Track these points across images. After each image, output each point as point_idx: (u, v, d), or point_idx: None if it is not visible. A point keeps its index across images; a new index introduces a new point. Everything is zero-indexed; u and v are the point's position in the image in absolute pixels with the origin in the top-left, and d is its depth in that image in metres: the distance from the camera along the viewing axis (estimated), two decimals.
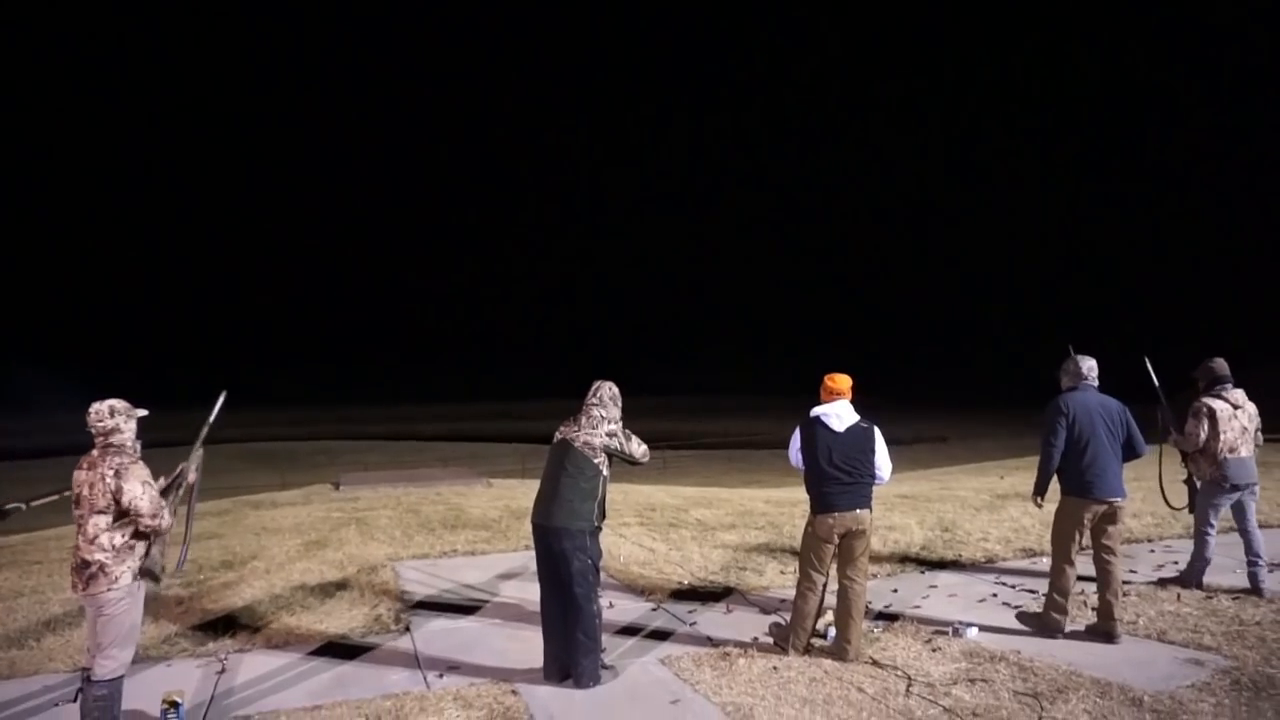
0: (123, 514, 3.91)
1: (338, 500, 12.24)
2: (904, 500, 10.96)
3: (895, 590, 6.54)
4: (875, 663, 4.97)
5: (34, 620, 6.13)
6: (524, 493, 12.50)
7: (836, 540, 5.10)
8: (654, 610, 6.23)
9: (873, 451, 5.14)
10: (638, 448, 4.99)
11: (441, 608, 6.35)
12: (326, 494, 13.19)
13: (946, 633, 5.47)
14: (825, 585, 5.20)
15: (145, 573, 4.03)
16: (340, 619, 6.07)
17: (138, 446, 4.10)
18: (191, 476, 4.31)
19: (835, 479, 5.04)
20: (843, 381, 5.23)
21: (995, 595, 6.36)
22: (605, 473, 4.85)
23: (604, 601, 6.25)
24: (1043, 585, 5.88)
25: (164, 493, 4.13)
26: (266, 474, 19.76)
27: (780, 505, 10.69)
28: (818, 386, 5.30)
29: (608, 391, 5.03)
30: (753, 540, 8.58)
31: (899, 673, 4.79)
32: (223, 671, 5.08)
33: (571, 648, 4.76)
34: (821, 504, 5.10)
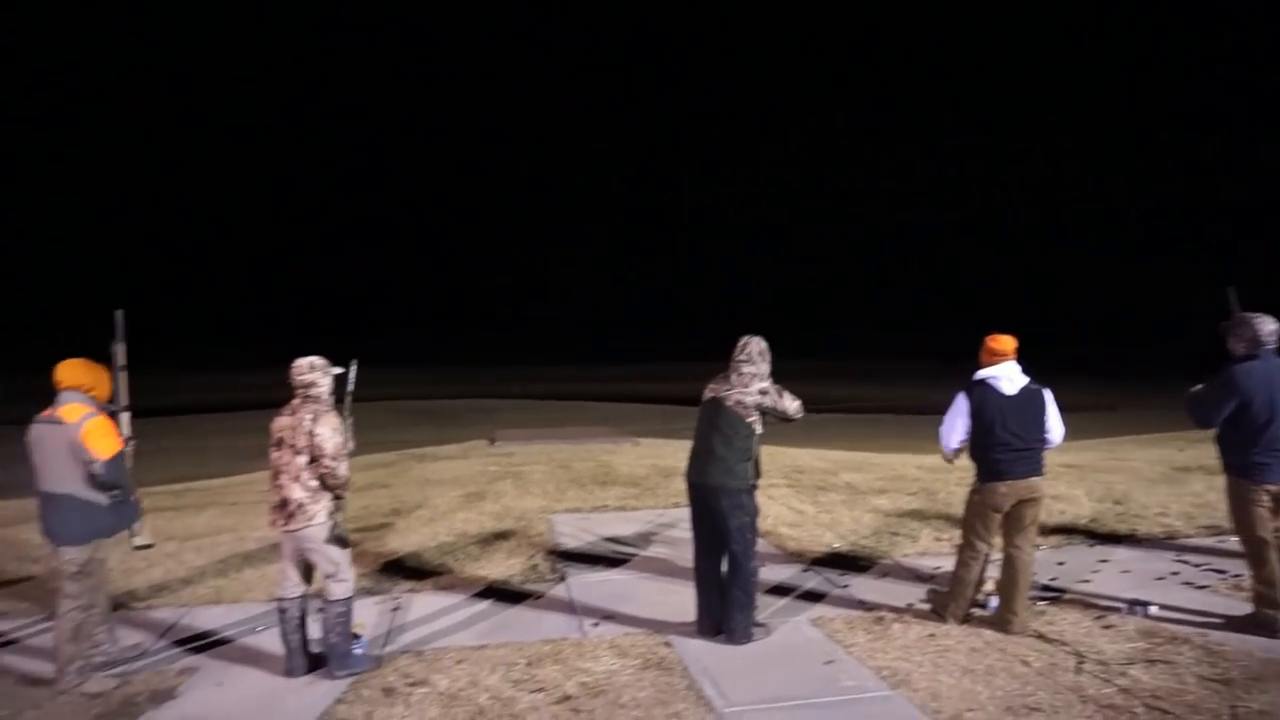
0: (315, 457, 4.26)
1: (493, 455, 12.79)
2: (1070, 470, 10.34)
3: (1061, 563, 6.21)
4: (1041, 636, 4.75)
5: (234, 554, 6.78)
6: (670, 452, 12.64)
7: (1006, 509, 4.88)
8: (804, 571, 6.19)
9: (1044, 414, 4.87)
10: (791, 403, 4.90)
11: (594, 560, 6.55)
12: (482, 449, 13.80)
13: (1120, 610, 5.14)
14: (988, 555, 5.00)
15: (337, 539, 4.37)
16: (500, 566, 6.37)
17: (332, 400, 4.47)
18: (351, 444, 4.59)
19: (1007, 444, 4.80)
20: (1007, 342, 4.95)
21: (1176, 574, 5.91)
22: (759, 431, 4.82)
23: (756, 562, 6.28)
24: (1232, 566, 5.42)
25: None
26: (425, 429, 20.83)
27: (934, 471, 10.32)
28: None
29: (756, 347, 4.90)
30: (905, 505, 8.35)
31: (1068, 648, 4.56)
32: (397, 609, 5.46)
33: (727, 603, 4.80)
34: (992, 471, 4.87)
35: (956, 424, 5.01)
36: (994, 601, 5.06)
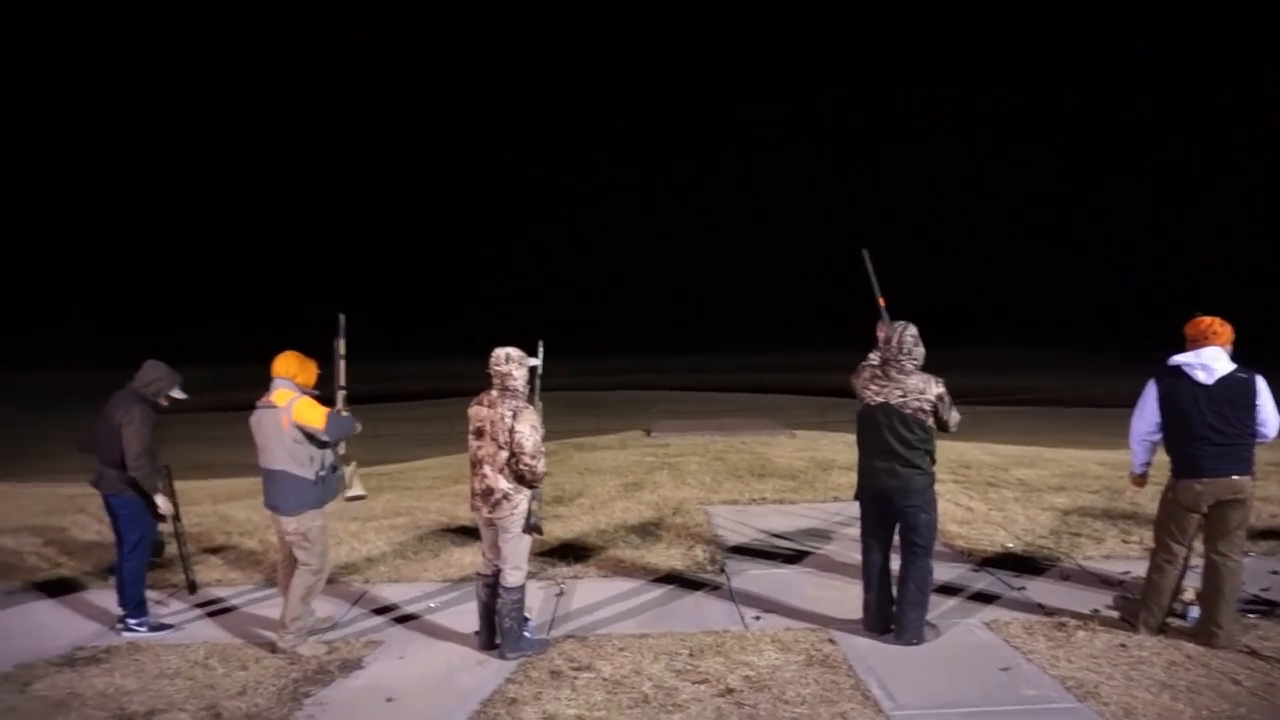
0: (515, 454, 4.44)
1: (650, 446, 12.95)
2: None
3: (1275, 573, 5.60)
4: (1254, 653, 4.30)
5: (411, 537, 7.20)
6: (827, 444, 12.37)
7: (1204, 509, 4.45)
8: (975, 571, 5.89)
9: (1254, 405, 4.39)
10: (954, 415, 4.67)
11: (752, 553, 6.50)
12: (639, 440, 14.00)
13: None
14: (1187, 559, 4.58)
15: (531, 528, 4.56)
16: (660, 555, 6.44)
17: (528, 390, 4.66)
18: (541, 432, 4.72)
19: (1204, 438, 4.37)
20: (1210, 325, 4.47)
21: None
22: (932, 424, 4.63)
23: None
24: None
25: None
26: (584, 419, 21.35)
27: (1117, 468, 9.56)
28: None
29: (909, 339, 4.61)
30: (1086, 504, 7.79)
31: None
32: (561, 594, 5.62)
33: (901, 600, 4.64)
34: (1186, 466, 4.46)
35: (1145, 414, 4.61)
36: (1195, 612, 4.64)
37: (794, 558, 6.35)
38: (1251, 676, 4.02)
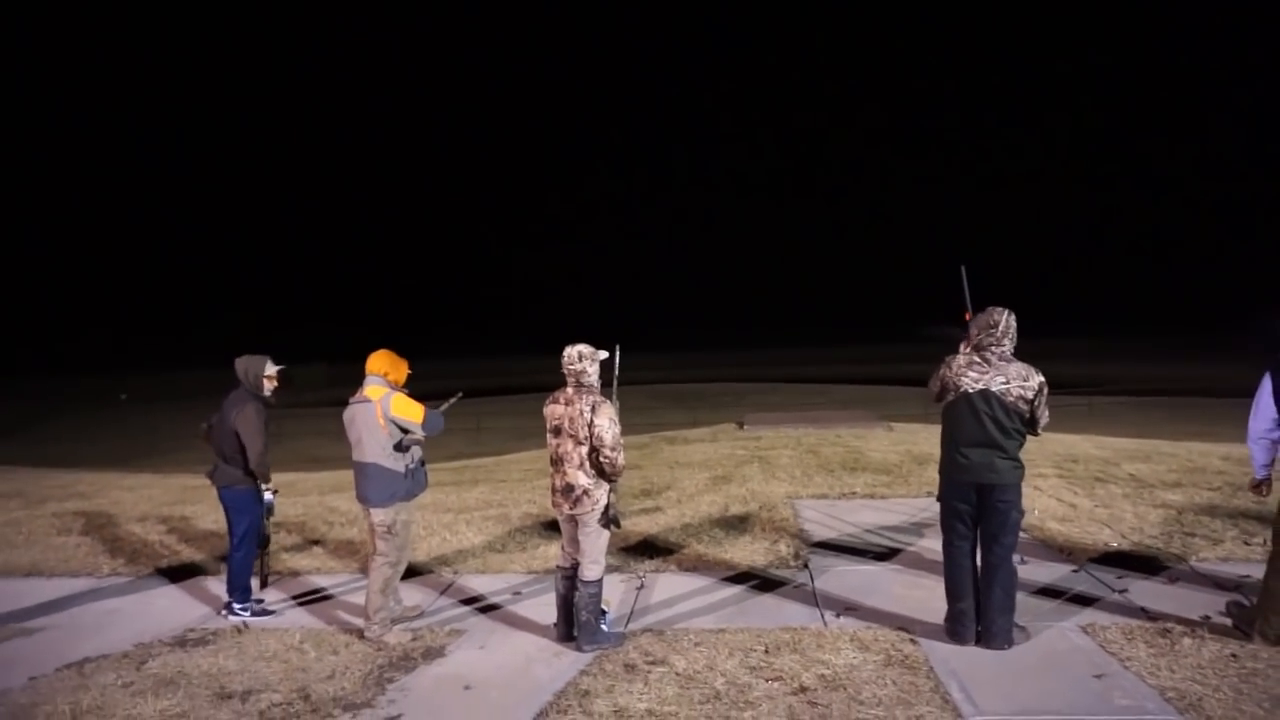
0: (595, 448, 4.51)
1: (742, 439, 12.86)
2: None
3: None
4: None
5: (500, 529, 7.37)
6: (925, 437, 12.00)
7: None
8: (1075, 572, 5.61)
9: None
10: (1046, 414, 4.47)
11: (839, 549, 6.38)
12: (731, 433, 13.92)
13: None
14: None
15: (610, 520, 4.62)
16: (743, 550, 6.39)
17: (599, 385, 4.70)
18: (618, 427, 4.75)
19: None
20: None
21: None
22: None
23: (1016, 558, 5.79)
24: None
25: None
26: (678, 412, 21.40)
27: (1241, 463, 8.91)
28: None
29: (1008, 324, 4.43)
30: (1204, 501, 7.30)
31: None
32: (641, 588, 5.65)
33: (988, 605, 4.45)
34: None
35: (1262, 410, 4.28)
36: None
37: (882, 555, 6.20)
38: None
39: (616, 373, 5.04)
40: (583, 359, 4.67)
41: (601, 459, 4.56)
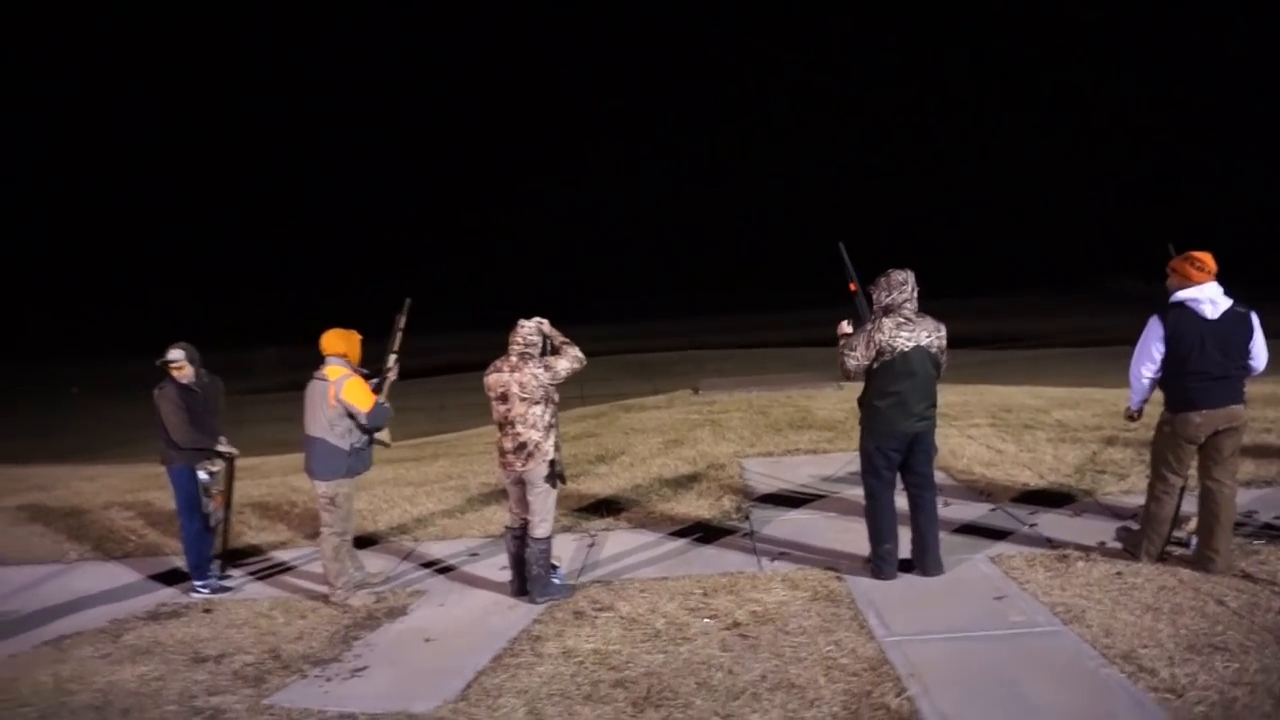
0: (550, 400, 4.94)
1: (696, 404, 13.26)
2: None
3: None
4: (1248, 576, 4.43)
5: (459, 499, 7.68)
6: None
7: (1202, 439, 4.56)
8: (992, 511, 6.07)
9: (1250, 339, 4.49)
10: (944, 363, 4.96)
11: (779, 501, 6.79)
12: (687, 399, 14.30)
13: None
14: (1183, 489, 4.71)
15: (556, 476, 4.95)
16: (689, 506, 6.77)
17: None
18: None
19: (1204, 373, 4.48)
20: (1209, 260, 4.55)
21: None
22: None
23: (940, 500, 6.25)
24: None
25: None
26: (638, 382, 21.76)
27: (1158, 404, 9.51)
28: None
29: (913, 281, 4.88)
30: (1121, 441, 7.83)
31: (1276, 588, 4.24)
32: (592, 545, 6.01)
33: (926, 537, 4.89)
34: (1185, 400, 4.57)
35: (1151, 351, 4.69)
36: (1197, 540, 4.77)
37: (818, 504, 6.62)
38: (1238, 598, 4.17)
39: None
40: (539, 333, 5.01)
41: (574, 357, 5.01)
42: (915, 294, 4.86)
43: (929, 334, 4.81)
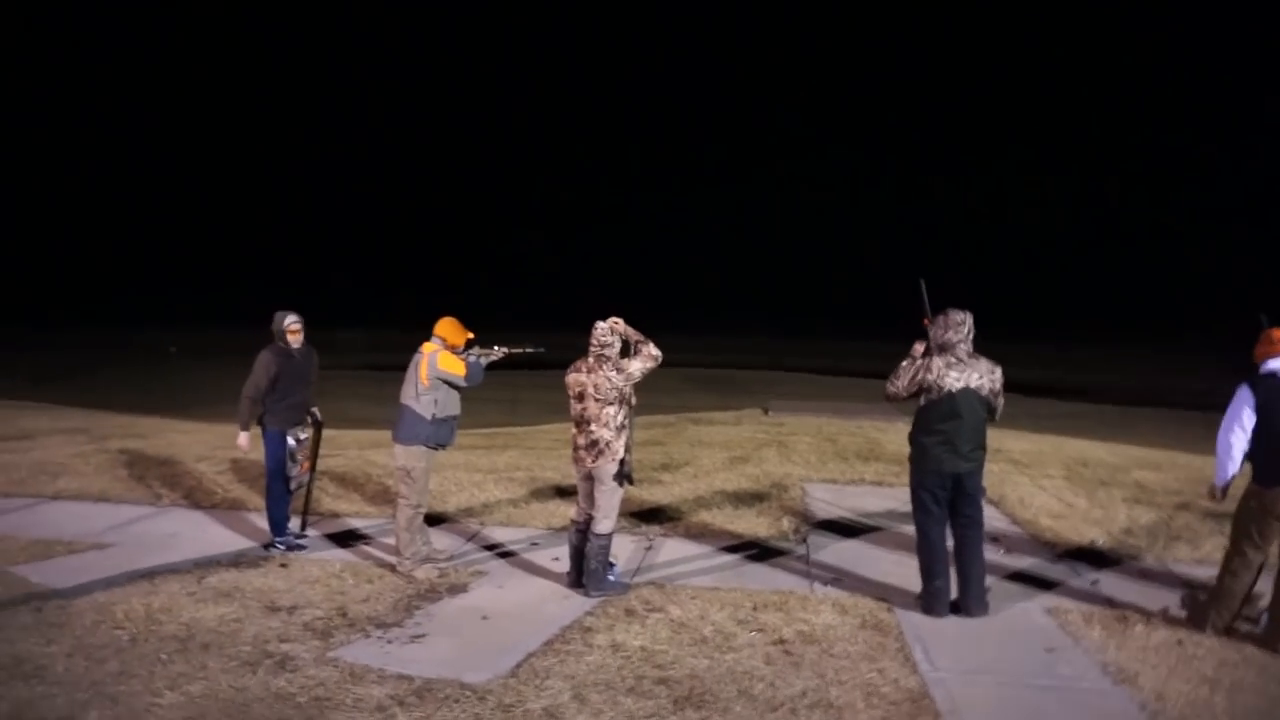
0: (624, 399, 5.14)
1: (765, 424, 13.29)
2: None
3: None
4: None
5: (525, 490, 7.92)
6: None
7: None
8: (1053, 563, 5.99)
9: None
10: (1001, 405, 4.98)
11: (838, 528, 6.81)
12: (756, 417, 14.35)
13: None
14: (1263, 566, 4.59)
15: (624, 477, 5.14)
16: (748, 523, 6.86)
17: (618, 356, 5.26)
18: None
19: None
20: None
21: None
22: None
23: (1000, 548, 6.21)
24: None
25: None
26: (709, 396, 21.82)
27: (1246, 476, 9.14)
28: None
29: (970, 323, 4.93)
30: (1200, 509, 7.58)
31: None
32: (649, 548, 6.15)
33: (970, 577, 4.91)
34: (1274, 475, 4.47)
35: (1242, 419, 4.59)
36: (1269, 618, 4.64)
37: (876, 536, 6.62)
38: None
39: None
40: (613, 333, 5.19)
41: (650, 359, 5.18)
42: (970, 335, 4.90)
43: (980, 376, 4.83)
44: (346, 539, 6.32)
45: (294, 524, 6.19)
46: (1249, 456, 4.62)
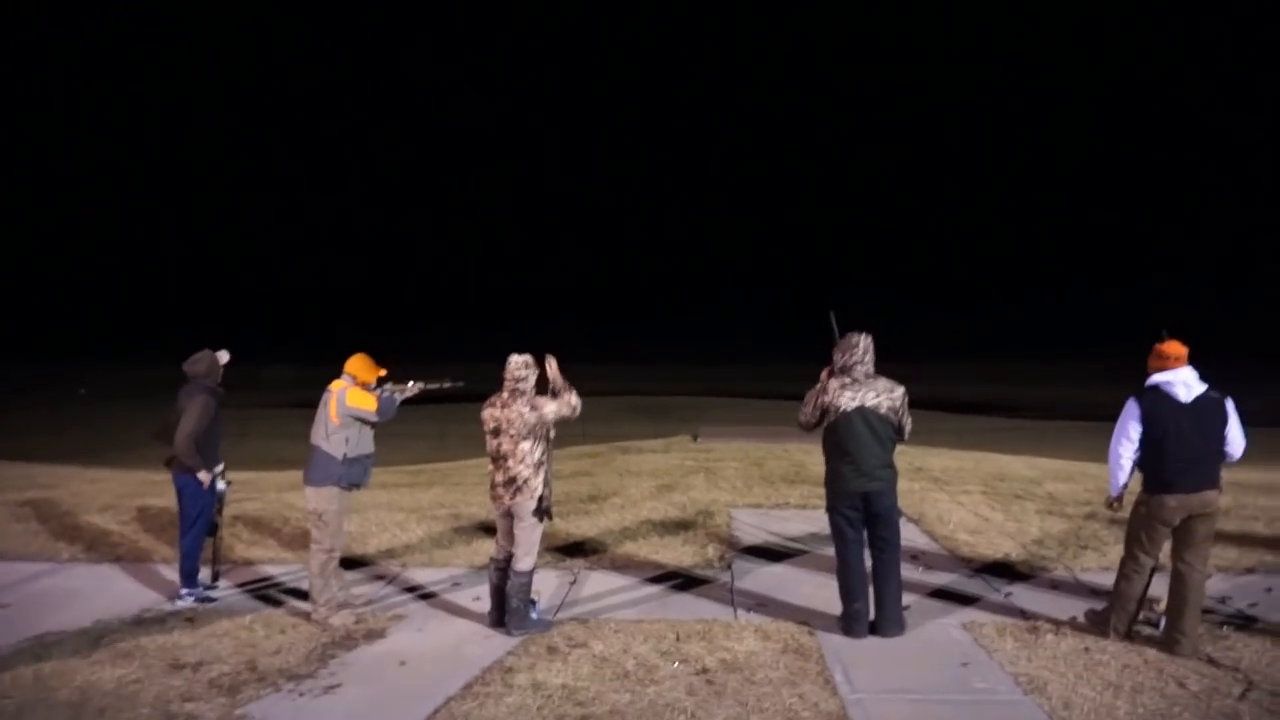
0: (541, 435, 5.07)
1: (693, 451, 13.34)
2: None
3: (1270, 590, 5.69)
4: (1212, 661, 4.48)
5: (449, 527, 7.78)
6: None
7: (1176, 523, 4.65)
8: (969, 578, 6.13)
9: (1224, 424, 4.60)
10: (909, 424, 5.05)
11: (763, 553, 6.86)
12: (685, 444, 14.40)
13: None
14: (1154, 570, 4.78)
15: (543, 513, 5.08)
16: (674, 553, 6.85)
17: (534, 391, 5.22)
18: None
19: (1179, 456, 4.58)
20: (1180, 348, 4.70)
21: None
22: None
23: (919, 566, 6.33)
24: None
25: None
26: (641, 424, 21.85)
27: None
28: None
29: (866, 345, 5.04)
30: (1107, 518, 7.86)
31: (1238, 675, 4.29)
32: (573, 583, 6.09)
33: (885, 597, 4.97)
34: (1161, 482, 4.67)
35: (1129, 431, 4.80)
36: (1166, 622, 4.82)
37: (800, 559, 6.69)
38: (1199, 682, 4.22)
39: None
40: (528, 367, 5.15)
41: (565, 410, 5.12)
42: (868, 358, 5.02)
43: (877, 395, 4.93)
44: (260, 588, 6.09)
45: (204, 574, 5.95)
46: (1140, 466, 4.82)
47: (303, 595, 5.71)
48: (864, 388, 4.96)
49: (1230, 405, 4.63)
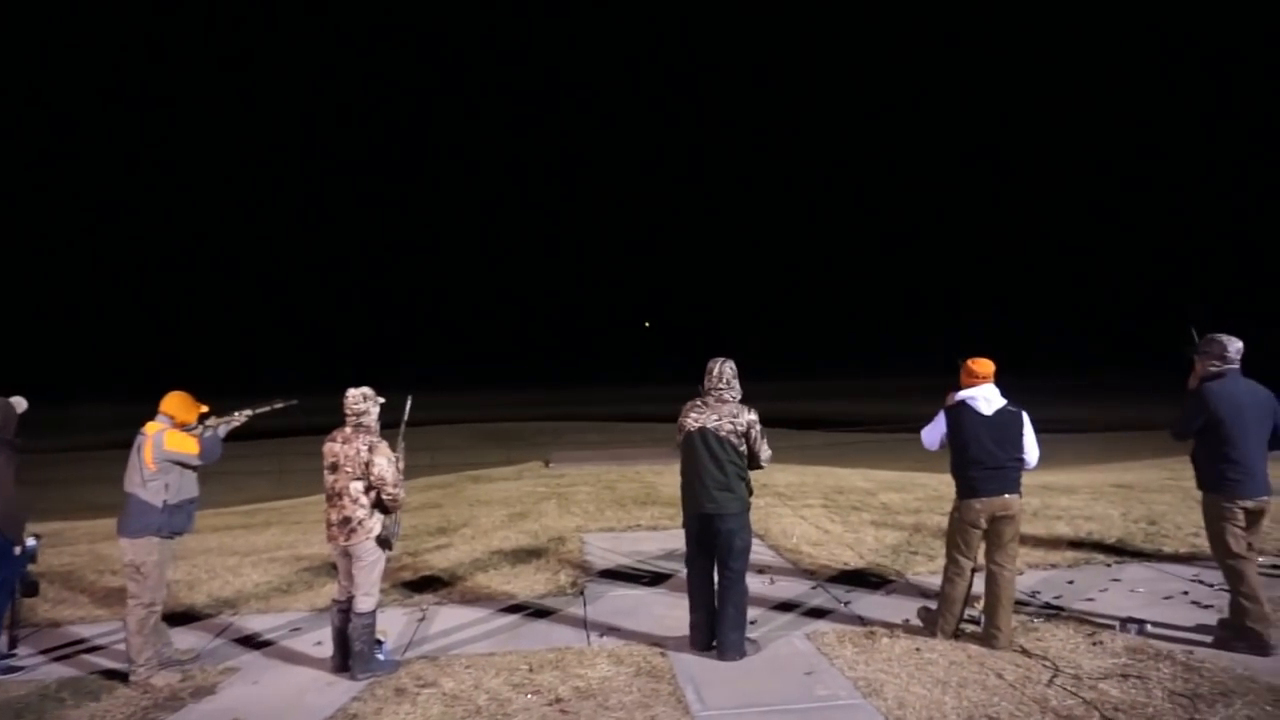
0: (374, 486, 4.83)
1: (545, 476, 13.27)
2: (1119, 490, 10.22)
3: (1071, 582, 6.26)
4: (1024, 651, 4.88)
5: (288, 570, 7.36)
6: None
7: (983, 525, 5.04)
8: (813, 589, 6.40)
9: (1021, 436, 5.04)
10: (765, 451, 5.18)
11: (615, 576, 6.90)
12: (538, 470, 14.30)
13: (1114, 628, 5.22)
14: (974, 570, 5.17)
15: (383, 541, 4.89)
16: (526, 581, 6.78)
17: (378, 426, 4.98)
18: (402, 465, 5.09)
19: (981, 462, 4.98)
20: (987, 366, 5.15)
21: (1186, 593, 5.92)
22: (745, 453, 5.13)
23: (766, 579, 6.54)
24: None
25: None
26: (494, 451, 21.51)
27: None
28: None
29: (729, 371, 5.17)
30: (935, 524, 8.43)
31: (1047, 663, 4.69)
32: (422, 620, 5.91)
33: (721, 620, 5.05)
34: (967, 488, 5.06)
35: (934, 434, 5.23)
36: (984, 618, 5.21)
37: (653, 580, 6.77)
38: (1014, 672, 4.59)
39: (406, 419, 5.34)
40: (366, 399, 4.98)
41: (384, 496, 4.87)
42: (724, 381, 5.15)
43: (720, 418, 5.06)
44: (70, 652, 5.55)
45: (1, 642, 5.36)
46: (952, 474, 5.22)
47: (120, 656, 5.25)
48: (710, 410, 5.09)
49: (1025, 418, 5.09)
